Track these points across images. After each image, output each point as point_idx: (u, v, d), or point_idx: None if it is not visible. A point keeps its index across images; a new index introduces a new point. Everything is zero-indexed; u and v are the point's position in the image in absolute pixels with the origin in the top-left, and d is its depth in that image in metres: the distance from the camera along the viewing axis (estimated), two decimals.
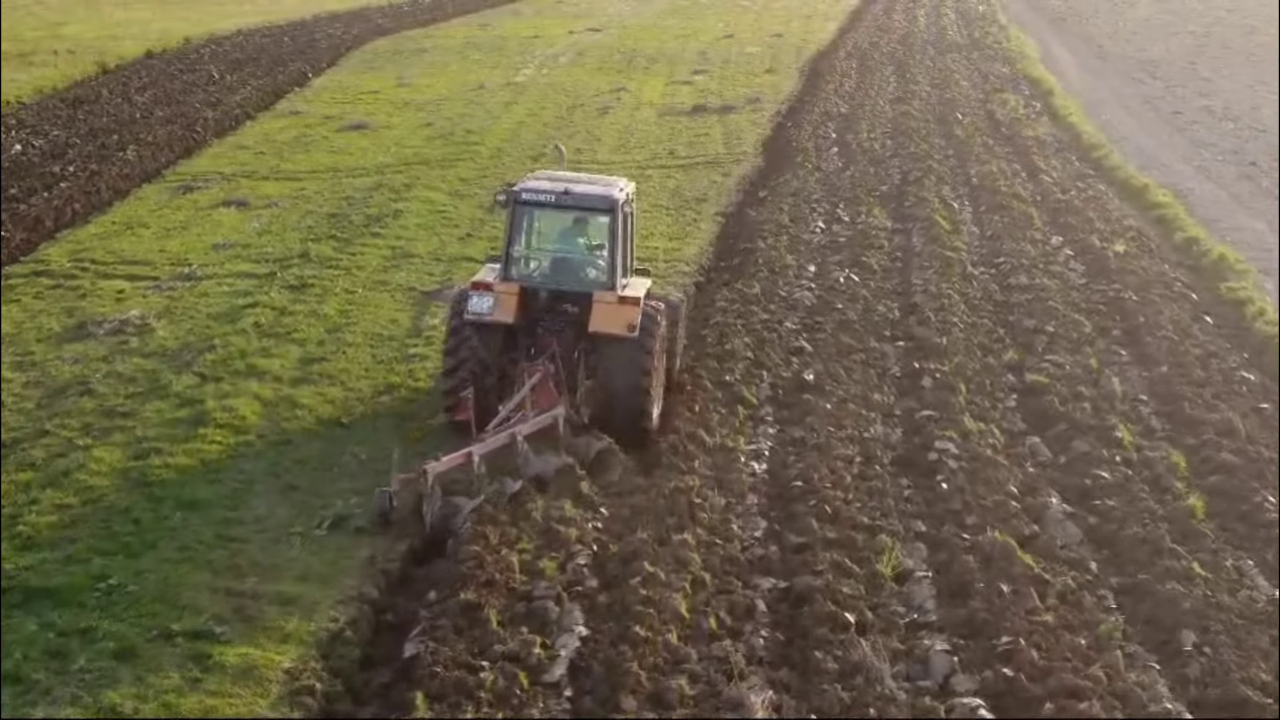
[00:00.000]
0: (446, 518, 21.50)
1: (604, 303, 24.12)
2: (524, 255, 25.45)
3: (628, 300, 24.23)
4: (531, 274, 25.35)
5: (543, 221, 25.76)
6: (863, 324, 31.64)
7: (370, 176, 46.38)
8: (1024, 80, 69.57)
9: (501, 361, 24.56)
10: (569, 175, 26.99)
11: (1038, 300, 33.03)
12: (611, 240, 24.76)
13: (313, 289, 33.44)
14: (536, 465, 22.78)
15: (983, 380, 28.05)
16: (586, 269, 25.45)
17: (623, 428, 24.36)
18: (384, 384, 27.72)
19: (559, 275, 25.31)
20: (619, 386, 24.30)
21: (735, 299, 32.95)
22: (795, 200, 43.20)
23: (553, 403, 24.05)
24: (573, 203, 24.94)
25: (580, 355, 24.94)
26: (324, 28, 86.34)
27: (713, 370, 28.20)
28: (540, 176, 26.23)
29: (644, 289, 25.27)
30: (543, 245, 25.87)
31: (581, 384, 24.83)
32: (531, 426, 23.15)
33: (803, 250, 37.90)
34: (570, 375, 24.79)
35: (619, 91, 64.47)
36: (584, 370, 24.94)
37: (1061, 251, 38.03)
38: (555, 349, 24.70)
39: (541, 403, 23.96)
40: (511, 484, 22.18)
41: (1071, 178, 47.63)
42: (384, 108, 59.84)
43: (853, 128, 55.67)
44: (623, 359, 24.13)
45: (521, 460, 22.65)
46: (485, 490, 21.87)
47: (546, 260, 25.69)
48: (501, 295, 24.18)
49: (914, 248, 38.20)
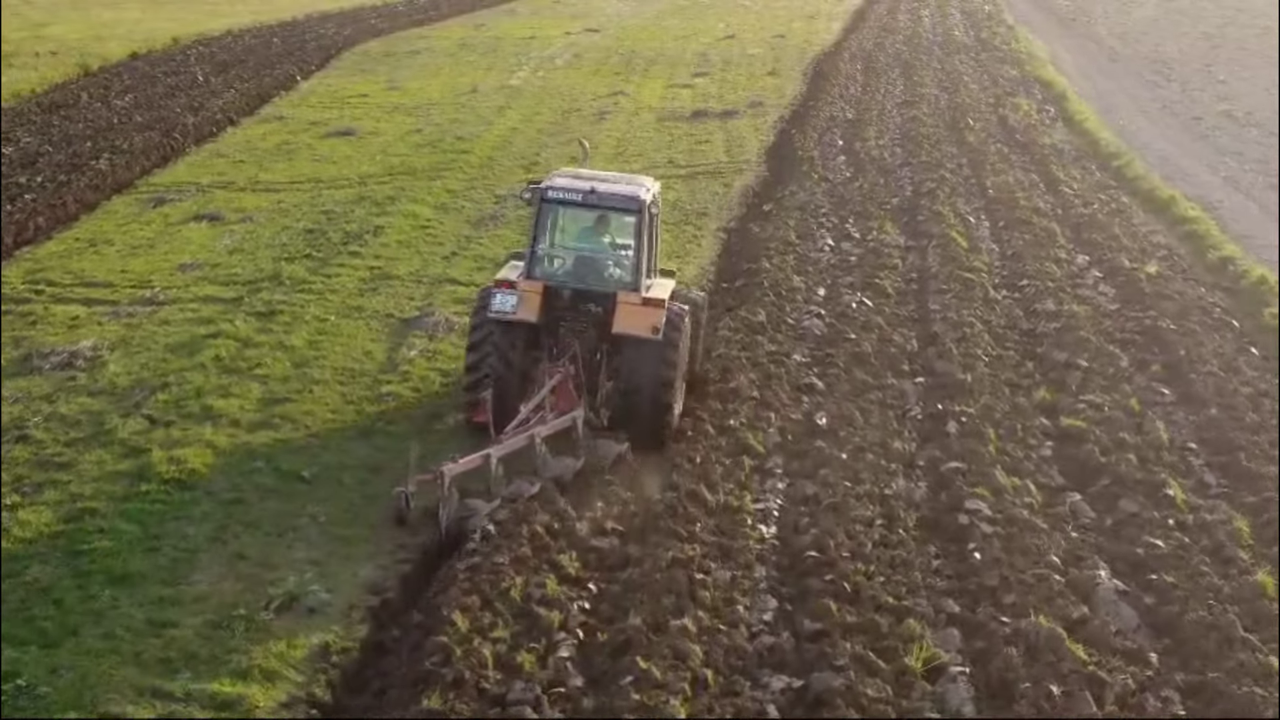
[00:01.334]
0: (462, 520, 20.92)
1: (628, 304, 23.75)
2: (548, 253, 24.94)
3: (652, 301, 23.87)
4: (555, 272, 24.78)
5: (568, 220, 25.41)
6: (878, 357, 28.79)
7: (352, 188, 43.53)
8: (1035, 83, 66.61)
9: (523, 361, 24.18)
10: (594, 173, 26.35)
11: (1068, 329, 30.16)
12: (637, 240, 24.43)
13: (281, 316, 30.58)
14: (554, 467, 22.43)
15: (1013, 424, 25.16)
16: (611, 269, 24.91)
17: (645, 429, 23.90)
18: (353, 428, 24.92)
19: (583, 274, 24.71)
20: (642, 389, 23.83)
21: (739, 328, 30.11)
22: (802, 214, 40.34)
23: (572, 404, 23.69)
24: (598, 201, 24.50)
25: (602, 356, 24.68)
26: (316, 28, 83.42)
27: (715, 413, 25.39)
28: (566, 174, 25.78)
29: (668, 290, 24.86)
30: (567, 244, 25.40)
31: (602, 385, 24.63)
32: (550, 428, 22.81)
33: (811, 271, 35.05)
34: (591, 377, 24.56)
35: (617, 95, 61.58)
36: (605, 372, 24.68)
37: (1089, 273, 35.16)
38: (576, 350, 24.38)
39: (561, 404, 23.66)
40: (529, 486, 21.74)
41: (1093, 189, 44.74)
42: (372, 112, 56.97)
43: (860, 134, 52.76)
44: (646, 361, 23.72)
45: (539, 462, 22.30)
46: (502, 492, 21.51)
47: (571, 259, 25.07)
48: (525, 294, 23.82)
49: (930, 268, 35.33)
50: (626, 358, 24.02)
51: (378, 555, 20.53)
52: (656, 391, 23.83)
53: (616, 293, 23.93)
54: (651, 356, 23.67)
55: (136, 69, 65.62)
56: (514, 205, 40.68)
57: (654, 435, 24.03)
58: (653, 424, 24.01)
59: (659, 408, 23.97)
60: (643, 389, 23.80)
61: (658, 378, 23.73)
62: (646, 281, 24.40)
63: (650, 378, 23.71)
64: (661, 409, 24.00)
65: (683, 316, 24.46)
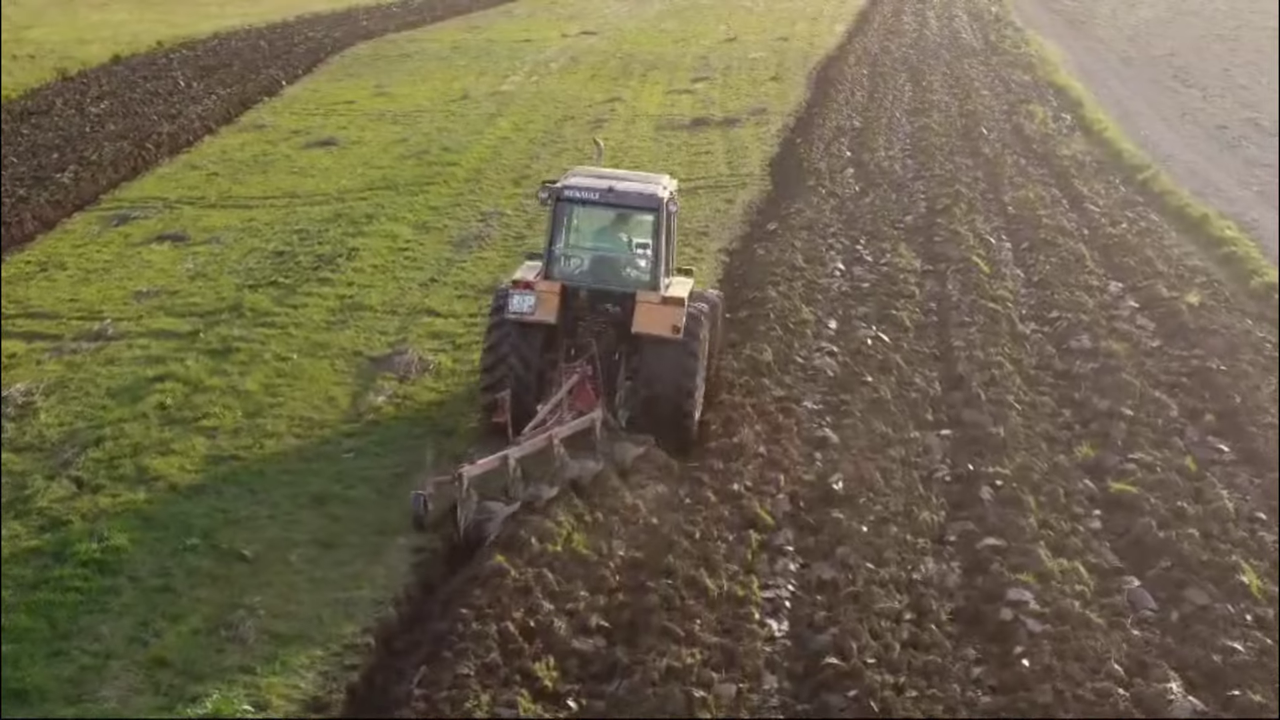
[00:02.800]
0: (481, 523, 20.29)
1: (647, 303, 23.20)
2: (565, 253, 24.21)
3: (671, 301, 23.33)
4: (573, 273, 24.10)
5: (585, 219, 24.75)
6: (898, 403, 25.62)
7: (329, 204, 40.41)
8: (1049, 88, 63.35)
9: (541, 362, 23.58)
10: (611, 172, 25.98)
11: (1106, 371, 26.98)
12: (655, 239, 23.87)
13: (238, 355, 27.47)
14: (573, 469, 21.64)
15: (1055, 489, 21.94)
16: (629, 268, 24.34)
17: (665, 431, 23.26)
18: (305, 494, 21.74)
19: (601, 274, 24.16)
20: (662, 389, 23.23)
21: (744, 369, 26.98)
22: (809, 235, 37.16)
23: (590, 405, 22.98)
24: (616, 200, 24.06)
25: (621, 357, 24.06)
26: (305, 30, 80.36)
27: (717, 474, 22.24)
28: (582, 173, 25.17)
29: (688, 289, 24.26)
30: (585, 243, 24.71)
31: (621, 386, 24.02)
32: (568, 429, 22.09)
33: (821, 300, 31.88)
34: (609, 377, 23.91)
35: (613, 102, 58.42)
36: (624, 372, 24.07)
37: (1124, 303, 31.92)
38: (594, 350, 23.72)
39: (579, 405, 22.96)
40: (548, 489, 20.97)
41: (1119, 205, 41.51)
42: (357, 120, 53.83)
43: (868, 144, 49.56)
44: (666, 361, 23.15)
45: (558, 464, 21.50)
46: (521, 495, 20.74)
47: (588, 259, 24.40)
48: (543, 294, 23.31)
49: (950, 296, 32.15)
50: (646, 358, 23.43)
51: (323, 661, 17.34)
52: (678, 392, 23.25)
53: (635, 292, 23.41)
54: (672, 356, 23.13)
55: (116, 73, 62.72)
56: (500, 224, 37.76)
57: (675, 436, 23.38)
58: (674, 425, 23.38)
59: (680, 408, 23.34)
60: (663, 390, 23.22)
61: (679, 378, 23.18)
62: (665, 281, 23.83)
63: (671, 378, 23.17)
64: (683, 409, 23.37)
65: (703, 316, 23.85)
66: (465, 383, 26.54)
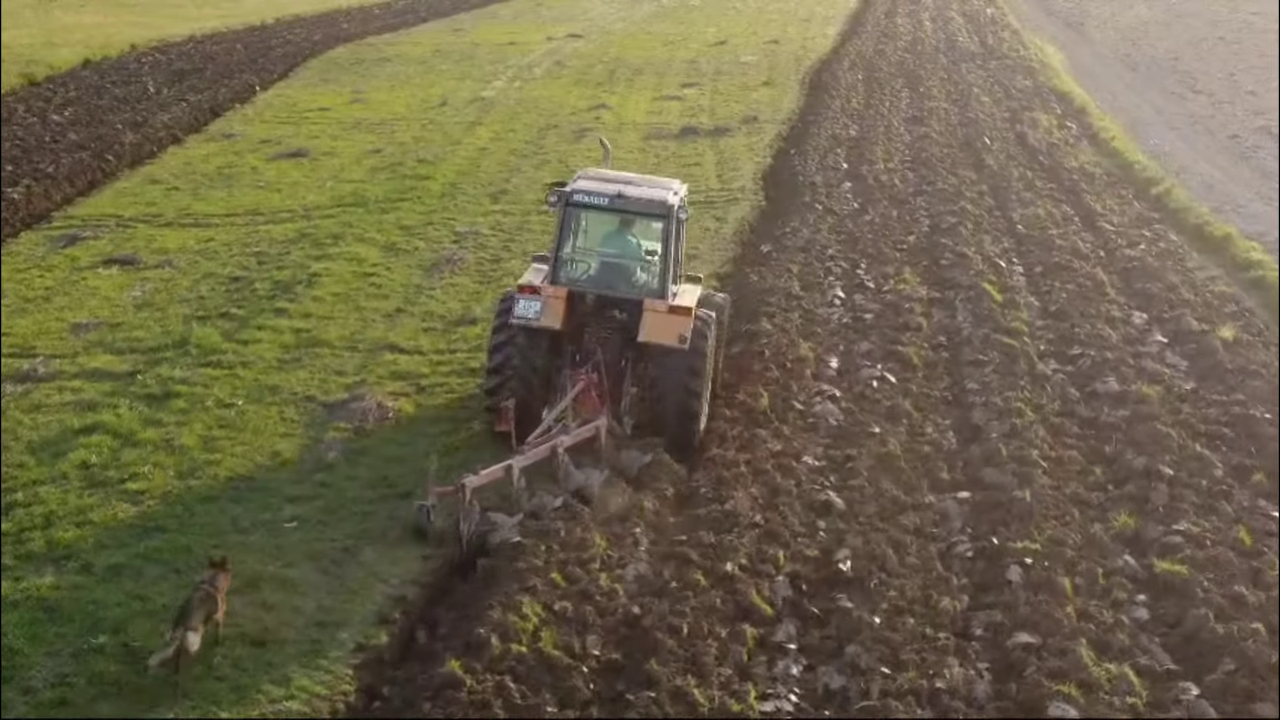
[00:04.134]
0: (484, 535, 19.65)
1: (654, 311, 22.62)
2: (573, 258, 23.68)
3: (679, 309, 22.73)
4: (580, 278, 23.60)
5: (593, 224, 24.13)
6: (910, 459, 22.75)
7: (294, 223, 37.51)
8: (1051, 94, 60.47)
9: (546, 368, 23.07)
10: (621, 176, 24.96)
11: (1139, 419, 24.13)
12: (664, 246, 23.21)
13: (177, 401, 24.58)
14: (577, 479, 21.13)
15: (1092, 568, 19.04)
16: (637, 274, 23.76)
17: (671, 439, 22.65)
18: (238, 578, 18.64)
19: (609, 280, 23.59)
20: (668, 398, 22.77)
21: (738, 418, 24.19)
22: (806, 257, 34.33)
23: (595, 413, 22.44)
24: (626, 206, 23.41)
25: (627, 364, 23.43)
26: (283, 33, 77.53)
27: (708, 551, 19.35)
28: (591, 176, 24.38)
29: (695, 297, 23.60)
30: (592, 248, 24.09)
31: (626, 393, 23.40)
32: (573, 438, 21.61)
33: (820, 333, 29.03)
34: (615, 384, 23.28)
35: (599, 109, 55.51)
36: (630, 379, 23.44)
37: (1151, 337, 29.05)
38: (600, 357, 23.12)
39: (584, 412, 22.46)
40: (552, 499, 20.44)
41: (1134, 223, 38.64)
42: (330, 129, 50.92)
43: (866, 155, 46.68)
44: (673, 370, 22.60)
45: (562, 474, 21.14)
46: (525, 505, 20.28)
47: (596, 264, 23.89)
48: (549, 300, 22.67)
49: (961, 329, 29.32)
50: (652, 367, 22.96)
51: None
52: (683, 401, 22.71)
53: (643, 299, 22.81)
54: (678, 366, 22.53)
55: (84, 79, 59.71)
56: (474, 246, 34.94)
57: (681, 445, 22.77)
58: (679, 434, 22.82)
59: (686, 418, 22.83)
60: (669, 399, 22.73)
61: (684, 387, 22.63)
62: (673, 288, 23.17)
63: (677, 387, 22.62)
64: (688, 419, 22.87)
65: (710, 324, 23.21)
66: (427, 433, 23.71)
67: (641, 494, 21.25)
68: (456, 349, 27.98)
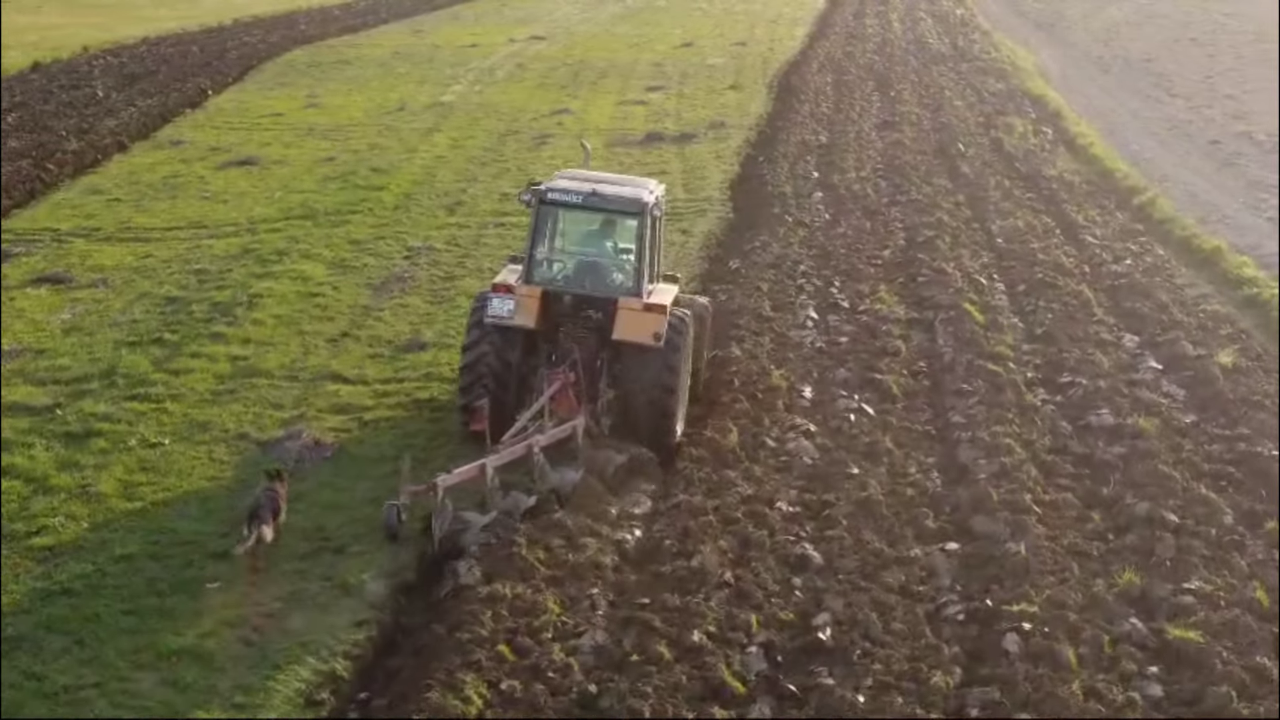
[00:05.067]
0: (456, 534, 19.30)
1: (629, 309, 22.15)
2: (547, 257, 23.33)
3: (654, 307, 22.25)
4: (555, 277, 23.24)
5: (568, 223, 23.75)
6: (892, 505, 20.78)
7: (238, 237, 35.47)
8: (1025, 98, 58.64)
9: (521, 368, 22.61)
10: (596, 175, 24.61)
11: (1137, 457, 22.23)
12: (639, 244, 22.79)
13: (98, 441, 22.49)
14: (553, 478, 20.77)
15: (1097, 635, 17.05)
16: (612, 273, 23.28)
17: (646, 440, 22.36)
18: (148, 647, 16.70)
19: (583, 279, 23.14)
20: (642, 398, 22.33)
21: (705, 457, 22.23)
22: (776, 274, 32.41)
23: (572, 412, 22.05)
24: (600, 204, 23.00)
25: (603, 363, 22.92)
26: (240, 35, 75.55)
27: (673, 616, 17.34)
28: (567, 175, 24.17)
29: (671, 296, 23.21)
30: (567, 247, 23.77)
31: (603, 393, 22.88)
32: (549, 438, 21.26)
33: (793, 359, 27.09)
34: (591, 384, 22.78)
35: (561, 114, 53.54)
36: (606, 379, 22.92)
37: (1144, 362, 27.12)
38: (576, 356, 22.60)
39: (560, 412, 22.00)
40: (526, 499, 20.09)
41: (1118, 236, 36.76)
42: (283, 136, 48.88)
43: (837, 163, 44.77)
44: (647, 369, 22.19)
45: (537, 473, 20.74)
46: (499, 505, 19.85)
47: (571, 263, 23.53)
48: (523, 299, 22.31)
49: (942, 354, 27.40)
50: (627, 365, 22.51)
51: None
52: (658, 400, 22.25)
53: (617, 298, 22.29)
54: (653, 364, 22.11)
55: (33, 82, 57.86)
56: (427, 262, 32.96)
57: (656, 445, 22.42)
58: (654, 433, 22.44)
59: (661, 417, 22.38)
60: (643, 398, 22.29)
61: (659, 386, 22.17)
62: (649, 287, 22.69)
63: (651, 386, 22.19)
64: (663, 418, 22.42)
65: (685, 323, 22.76)
66: (368, 475, 21.68)
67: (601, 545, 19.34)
68: (404, 377, 25.98)
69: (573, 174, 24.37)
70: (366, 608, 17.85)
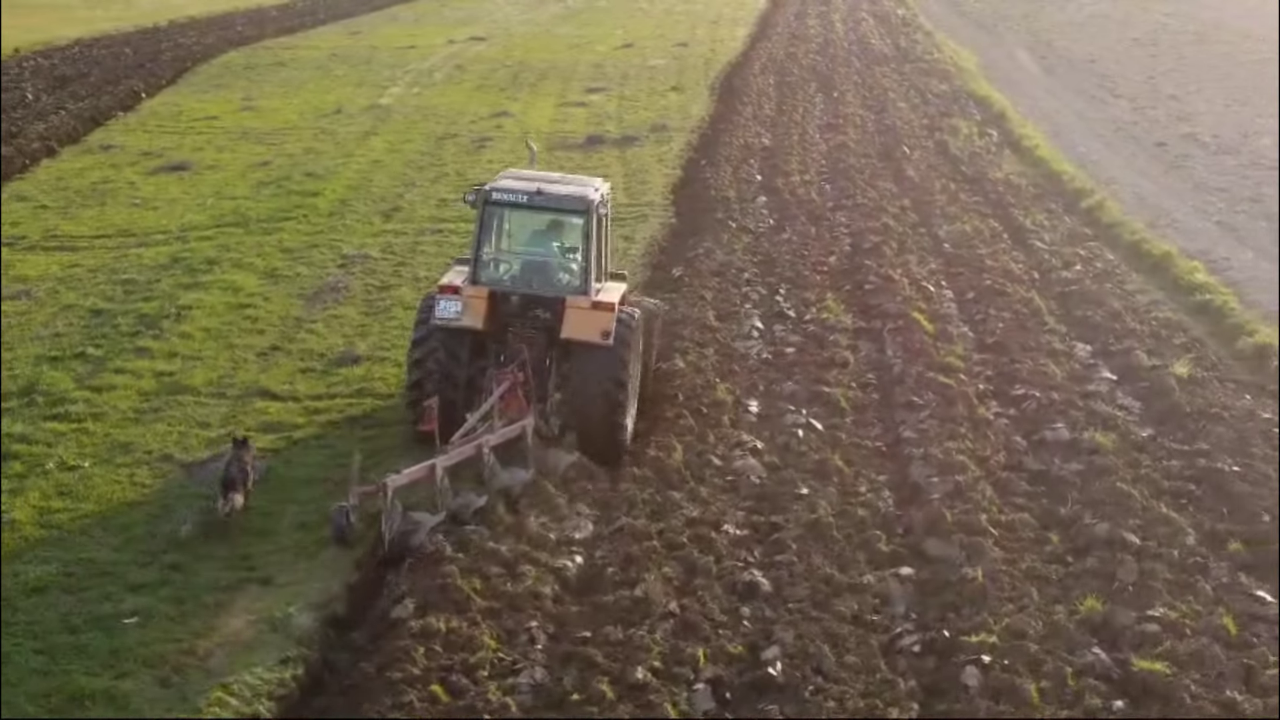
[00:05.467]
0: (406, 535, 19.07)
1: (576, 308, 22.02)
2: (494, 258, 23.07)
3: (601, 305, 22.15)
4: (501, 277, 23.05)
5: (513, 223, 23.44)
6: (843, 527, 19.91)
7: (168, 245, 34.38)
8: (970, 100, 57.95)
9: (469, 369, 22.39)
10: (541, 174, 24.43)
11: (1094, 473, 21.45)
12: (585, 243, 22.56)
13: (14, 464, 21.49)
14: (503, 478, 20.73)
15: (1059, 667, 16.18)
16: (559, 273, 23.12)
17: (595, 440, 22.13)
18: (60, 693, 15.68)
19: (530, 279, 22.98)
20: (591, 396, 22.04)
21: (649, 477, 21.32)
22: (721, 282, 31.56)
23: (521, 412, 21.95)
24: (545, 203, 22.82)
25: (552, 363, 22.91)
26: (175, 36, 74.22)
27: (614, 652, 16.43)
28: (511, 175, 24.04)
29: (619, 294, 22.89)
30: (513, 247, 23.51)
31: (552, 393, 22.88)
32: (499, 437, 21.17)
33: (739, 371, 26.23)
34: (540, 384, 22.75)
35: (500, 117, 52.59)
36: (555, 379, 22.92)
37: (1098, 373, 26.34)
38: (525, 356, 22.51)
39: (510, 412, 21.86)
40: (476, 499, 19.98)
41: (1067, 240, 36.03)
42: (217, 140, 47.78)
43: (781, 167, 43.95)
44: (595, 367, 21.96)
45: (488, 473, 20.68)
46: (449, 505, 19.71)
47: (517, 263, 23.32)
48: (470, 300, 22.10)
49: (891, 365, 26.57)
50: (576, 364, 22.34)
51: None
52: (606, 398, 21.91)
53: (565, 297, 22.14)
54: (601, 362, 21.88)
55: None
56: (362, 271, 32.04)
57: (605, 445, 22.17)
58: (603, 432, 22.09)
59: (609, 415, 22.02)
60: (592, 396, 21.99)
61: (607, 384, 21.87)
62: (596, 285, 22.49)
63: (600, 384, 21.88)
64: (612, 417, 22.05)
65: (634, 320, 22.59)
66: (297, 499, 20.70)
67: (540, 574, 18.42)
68: (336, 393, 25.01)
69: (517, 174, 24.18)
70: (293, 644, 16.87)
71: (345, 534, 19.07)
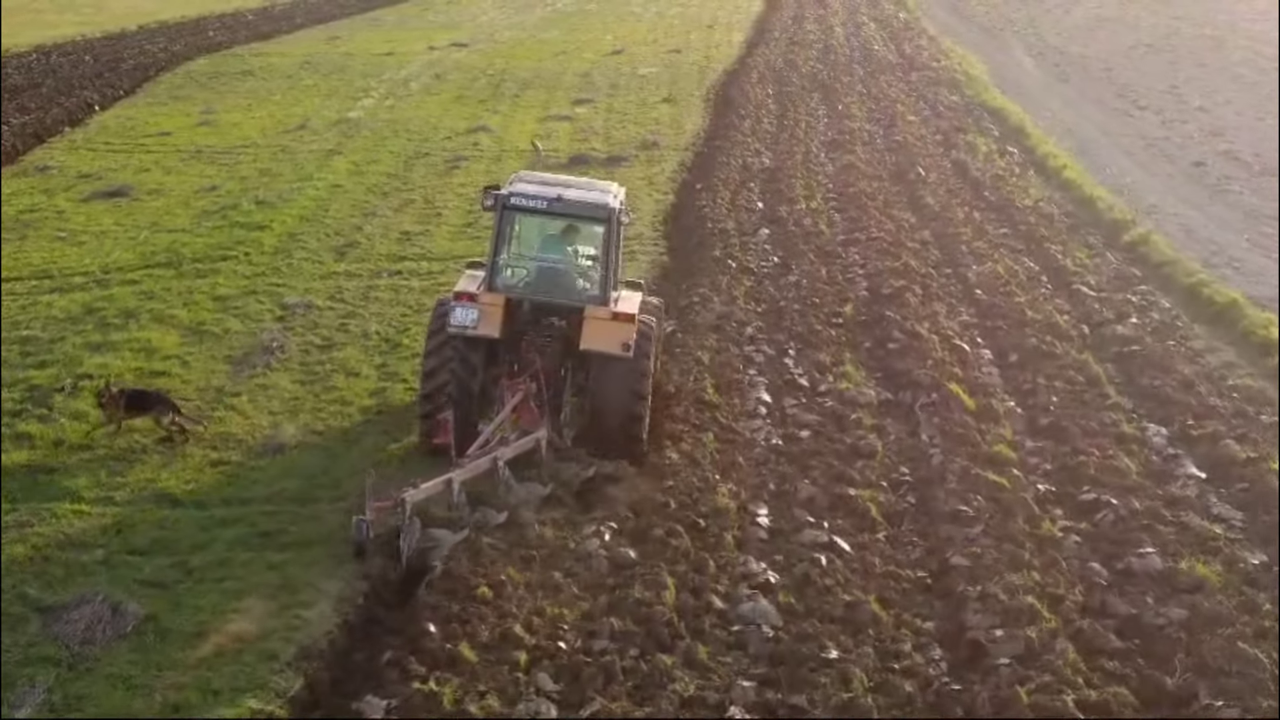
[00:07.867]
0: (425, 551, 17.81)
1: (596, 318, 20.83)
2: (510, 264, 21.71)
3: (621, 316, 20.95)
4: (517, 284, 21.61)
5: (531, 228, 22.20)
6: (886, 709, 14.85)
7: (86, 291, 29.50)
8: (984, 112, 52.80)
9: (483, 378, 21.03)
10: (557, 178, 23.47)
11: (1202, 623, 16.40)
12: (605, 251, 21.58)
13: None
14: (519, 493, 19.46)
15: None
16: (577, 281, 22.01)
17: (614, 449, 20.73)
18: None
19: (547, 286, 21.69)
20: (612, 408, 20.84)
21: (633, 632, 16.21)
22: (720, 340, 26.59)
23: (535, 423, 20.67)
24: (565, 210, 21.66)
25: (567, 373, 21.73)
26: (141, 42, 69.42)
27: None
28: (528, 179, 22.59)
29: (637, 304, 21.76)
30: (530, 254, 22.15)
31: (567, 403, 21.73)
32: (513, 450, 19.94)
33: (742, 465, 21.19)
34: (555, 394, 21.46)
35: (478, 132, 47.56)
36: (570, 388, 21.75)
37: (1182, 469, 21.16)
38: (539, 365, 21.32)
39: (523, 424, 20.65)
40: (496, 515, 18.85)
41: (1115, 284, 30.89)
42: (166, 160, 42.91)
43: (784, 192, 38.91)
44: (616, 379, 20.79)
45: (503, 488, 19.43)
46: (468, 521, 18.57)
47: (534, 270, 21.94)
48: (486, 307, 20.84)
49: (929, 456, 21.52)
50: (595, 376, 21.24)
51: None
52: (628, 410, 20.95)
53: (583, 307, 21.14)
54: (622, 374, 20.88)
55: None
56: (303, 325, 27.29)
57: (626, 454, 20.83)
58: (624, 443, 20.96)
59: (630, 427, 21.02)
60: (614, 408, 20.95)
61: (629, 396, 20.92)
62: (614, 294, 21.59)
63: (621, 396, 20.90)
64: (633, 428, 21.07)
65: (653, 330, 21.75)
66: (181, 660, 15.70)
67: None
68: (251, 497, 20.00)
69: (532, 176, 23.00)
70: None
71: (364, 547, 17.84)
